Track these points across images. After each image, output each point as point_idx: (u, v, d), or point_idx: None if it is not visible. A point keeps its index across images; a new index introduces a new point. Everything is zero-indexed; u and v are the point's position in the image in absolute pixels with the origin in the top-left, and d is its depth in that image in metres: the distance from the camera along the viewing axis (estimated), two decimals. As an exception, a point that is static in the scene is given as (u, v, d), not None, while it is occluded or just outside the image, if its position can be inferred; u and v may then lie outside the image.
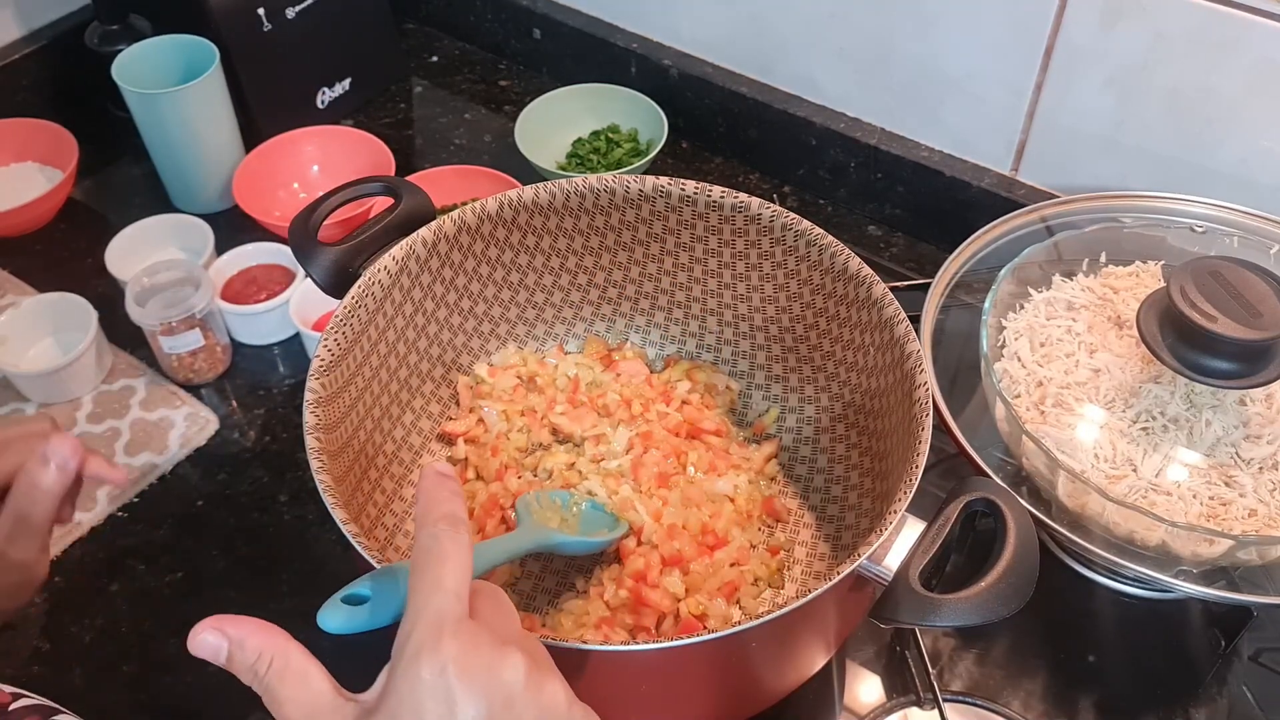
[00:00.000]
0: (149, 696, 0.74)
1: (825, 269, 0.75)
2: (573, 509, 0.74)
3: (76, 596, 0.79)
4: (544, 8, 1.19)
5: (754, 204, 0.76)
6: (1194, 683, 0.75)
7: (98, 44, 1.09)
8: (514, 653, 0.42)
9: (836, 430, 0.79)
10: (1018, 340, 0.80)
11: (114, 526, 0.83)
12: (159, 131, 1.02)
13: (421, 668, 0.41)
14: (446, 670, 0.41)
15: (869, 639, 0.77)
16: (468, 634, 0.42)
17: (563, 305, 0.86)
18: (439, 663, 0.41)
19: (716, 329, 0.85)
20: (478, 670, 0.41)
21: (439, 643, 0.41)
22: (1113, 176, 0.94)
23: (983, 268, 0.86)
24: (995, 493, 0.61)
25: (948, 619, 0.56)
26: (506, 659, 0.42)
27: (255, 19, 1.05)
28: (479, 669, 0.41)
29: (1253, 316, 0.69)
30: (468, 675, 0.41)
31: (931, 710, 0.73)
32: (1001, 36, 0.92)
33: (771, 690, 0.67)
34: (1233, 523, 0.69)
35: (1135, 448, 0.72)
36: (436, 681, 0.41)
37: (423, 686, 0.41)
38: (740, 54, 1.10)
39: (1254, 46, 0.82)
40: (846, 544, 0.75)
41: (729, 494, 0.78)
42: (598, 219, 0.80)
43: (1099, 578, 0.80)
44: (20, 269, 1.01)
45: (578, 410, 0.82)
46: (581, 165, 1.09)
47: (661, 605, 0.70)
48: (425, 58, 1.27)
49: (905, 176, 1.03)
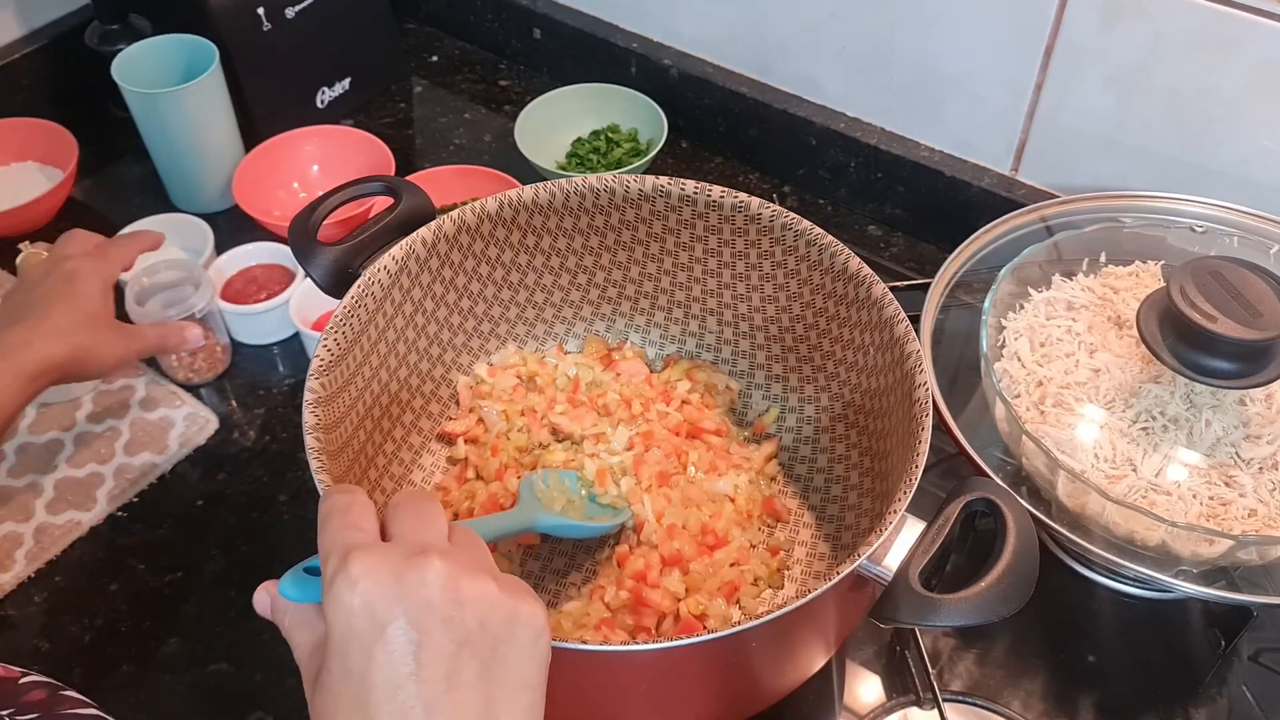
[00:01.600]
0: (149, 696, 0.74)
1: (825, 269, 0.75)
2: (581, 491, 0.74)
3: (76, 596, 0.79)
4: (544, 8, 1.19)
5: (754, 204, 0.76)
6: (1194, 683, 0.75)
7: (98, 44, 1.09)
8: (426, 559, 0.43)
9: (836, 430, 0.79)
10: (1018, 340, 0.80)
11: (114, 526, 0.83)
12: (159, 131, 1.02)
13: (340, 594, 0.42)
14: (357, 586, 0.42)
15: (869, 639, 0.77)
16: (375, 553, 0.43)
17: (563, 305, 0.86)
18: (350, 581, 0.42)
19: (716, 329, 0.85)
20: (388, 580, 0.42)
21: (347, 567, 0.43)
22: (1113, 176, 0.94)
23: (983, 268, 0.86)
24: (995, 493, 0.61)
25: (948, 619, 0.56)
26: (415, 565, 0.43)
27: (255, 19, 1.05)
28: (389, 579, 0.42)
29: (1253, 316, 0.69)
30: (379, 586, 0.42)
31: (931, 710, 0.73)
32: (1001, 36, 0.92)
33: (771, 690, 0.67)
34: (1233, 523, 0.69)
35: (1135, 448, 0.72)
36: (353, 600, 0.42)
37: (345, 609, 0.42)
38: (740, 54, 1.10)
39: (1254, 46, 0.82)
40: (846, 544, 0.75)
41: (729, 494, 0.78)
42: (598, 219, 0.80)
43: (1099, 578, 0.80)
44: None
45: (578, 410, 0.82)
46: (581, 165, 1.09)
47: (661, 605, 0.70)
48: (425, 58, 1.27)
49: (905, 176, 1.03)
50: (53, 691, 0.62)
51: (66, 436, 0.88)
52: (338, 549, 0.44)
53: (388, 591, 0.42)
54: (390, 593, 0.42)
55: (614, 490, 0.76)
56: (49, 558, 0.81)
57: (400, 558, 0.43)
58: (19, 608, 0.78)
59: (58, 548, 0.82)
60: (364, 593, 0.42)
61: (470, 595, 0.43)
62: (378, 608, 0.42)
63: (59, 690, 0.62)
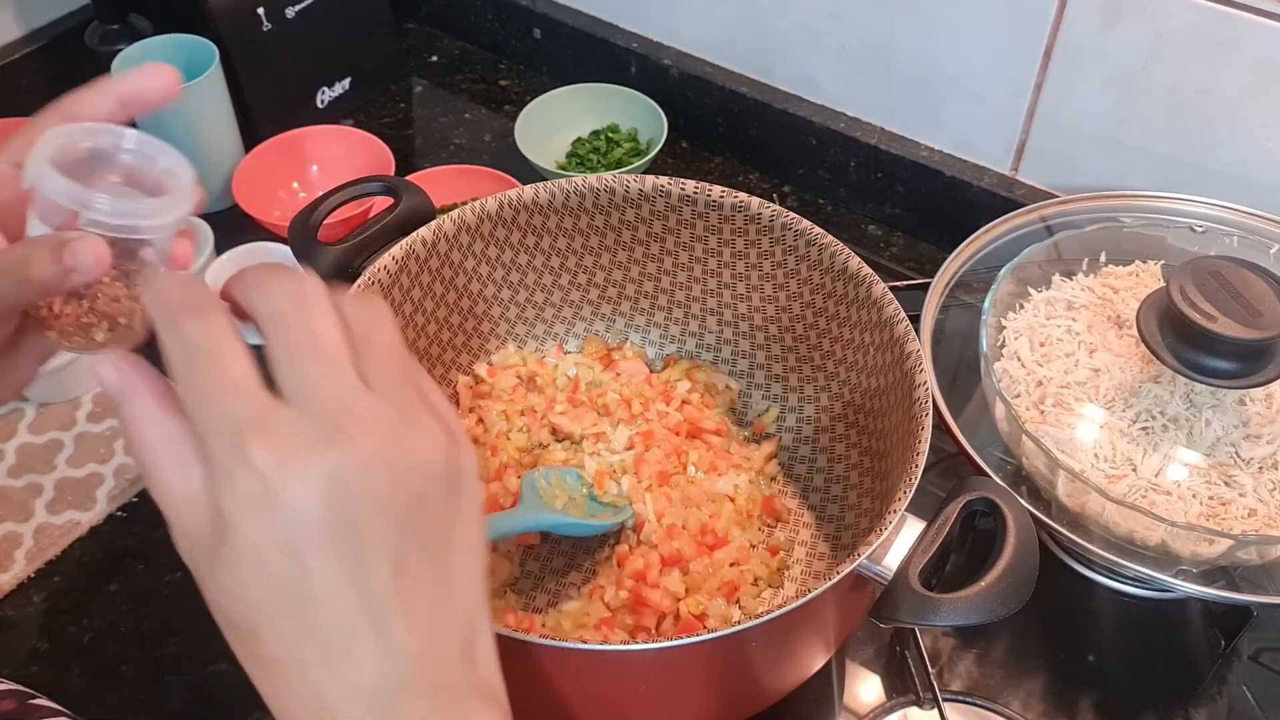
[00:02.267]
0: (149, 696, 0.74)
1: (825, 268, 0.75)
2: (582, 489, 0.74)
3: (76, 596, 0.79)
4: (544, 7, 1.19)
5: (754, 203, 0.76)
6: (1194, 683, 0.75)
7: (98, 44, 1.09)
8: (349, 436, 0.35)
9: (836, 430, 0.79)
10: (1017, 340, 0.80)
11: (113, 526, 0.83)
12: (159, 131, 1.00)
13: (247, 494, 0.34)
14: (270, 485, 0.34)
15: (869, 639, 0.77)
16: (279, 436, 0.34)
17: (562, 305, 0.86)
18: (259, 478, 0.34)
19: (716, 328, 0.85)
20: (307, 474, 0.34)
21: (248, 455, 0.34)
22: (1113, 176, 0.94)
23: (983, 267, 0.86)
24: (995, 492, 0.61)
25: (948, 619, 0.56)
26: (337, 448, 0.35)
27: (255, 19, 1.05)
28: (309, 472, 0.34)
29: (1253, 316, 0.69)
30: (297, 483, 0.34)
31: (931, 710, 0.73)
32: (1001, 36, 0.92)
33: (771, 690, 0.67)
34: (1233, 522, 0.69)
35: (1135, 447, 0.72)
36: (269, 500, 0.34)
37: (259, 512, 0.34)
38: (740, 54, 1.10)
39: (1254, 46, 0.82)
40: (846, 543, 0.75)
41: (729, 494, 0.78)
42: (597, 218, 0.80)
43: (1099, 578, 0.80)
44: (20, 269, 1.01)
45: (578, 410, 0.82)
46: (581, 165, 1.09)
47: (661, 605, 0.70)
48: (425, 57, 1.27)
49: (905, 176, 1.03)
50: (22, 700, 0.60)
51: (66, 436, 0.88)
52: (224, 425, 0.35)
53: (310, 488, 0.34)
54: (314, 489, 0.34)
55: (614, 489, 0.76)
56: (49, 558, 0.81)
57: (315, 439, 0.35)
58: (19, 608, 0.78)
59: (57, 548, 0.81)
60: (281, 493, 0.34)
61: (405, 469, 0.36)
62: (300, 508, 0.34)
63: (29, 699, 0.60)
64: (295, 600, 0.35)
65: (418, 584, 0.36)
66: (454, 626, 0.38)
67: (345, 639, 0.35)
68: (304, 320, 0.36)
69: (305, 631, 0.35)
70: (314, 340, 0.36)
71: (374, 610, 0.35)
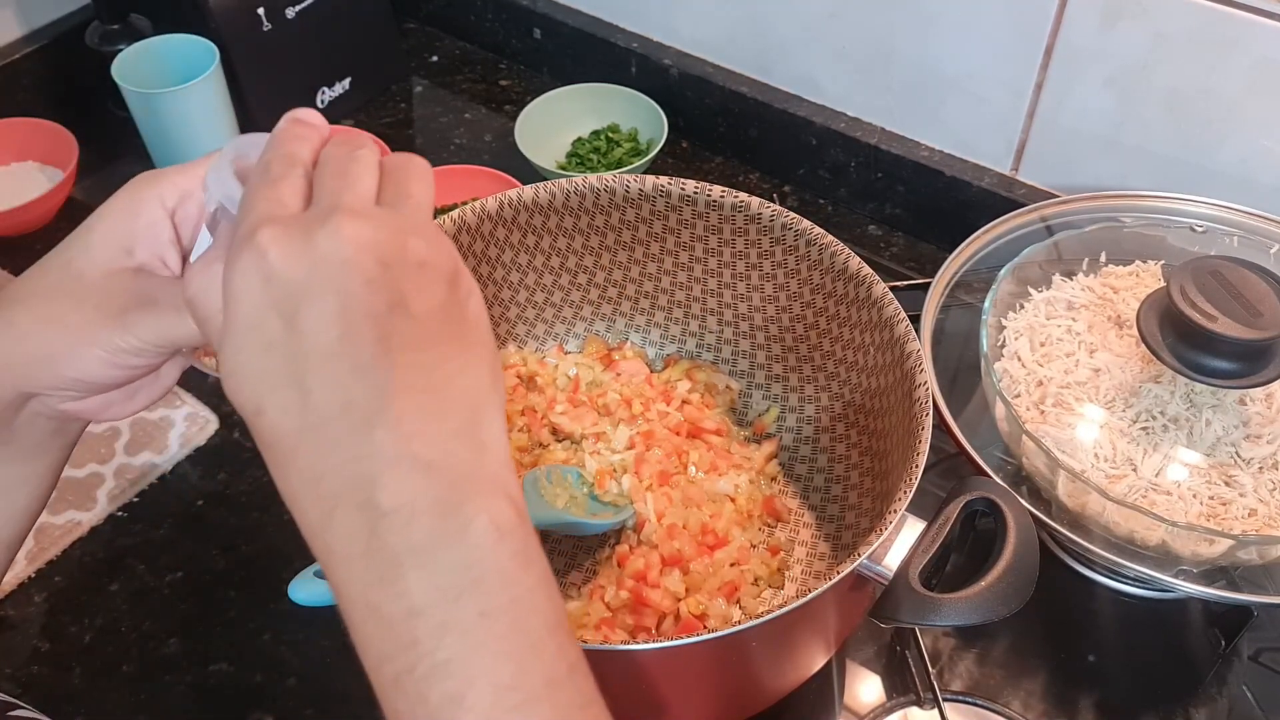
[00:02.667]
0: (149, 696, 0.74)
1: (825, 268, 0.75)
2: (583, 488, 0.74)
3: (76, 596, 0.79)
4: (544, 7, 1.19)
5: (754, 203, 0.76)
6: (1194, 683, 0.75)
7: (98, 44, 1.09)
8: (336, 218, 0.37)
9: (836, 430, 0.79)
10: (1018, 340, 0.80)
11: (114, 526, 0.83)
12: (159, 131, 1.02)
13: (246, 267, 0.37)
14: (267, 256, 0.37)
15: (869, 639, 0.77)
16: (283, 222, 0.38)
17: (563, 305, 0.86)
18: (258, 252, 0.37)
19: (716, 328, 0.85)
20: (298, 246, 0.37)
21: (255, 237, 0.37)
22: (1113, 176, 0.94)
23: (983, 267, 0.86)
24: (995, 492, 0.61)
25: (948, 618, 0.56)
26: (326, 228, 0.37)
27: (255, 19, 1.05)
28: (299, 244, 0.37)
29: (1253, 316, 0.69)
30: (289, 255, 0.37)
31: (931, 710, 0.73)
32: (1001, 36, 0.92)
33: (771, 690, 0.67)
34: (1233, 522, 0.69)
35: (1135, 447, 0.72)
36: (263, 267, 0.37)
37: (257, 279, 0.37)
38: (740, 54, 1.10)
39: (1254, 46, 0.82)
40: (846, 543, 0.75)
41: (730, 493, 0.78)
42: (598, 218, 0.80)
43: (1099, 578, 0.80)
44: (20, 269, 0.99)
45: (578, 410, 0.82)
46: (581, 165, 1.09)
47: (662, 605, 0.70)
48: (425, 57, 1.27)
49: (905, 176, 1.03)
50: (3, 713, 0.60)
51: (66, 436, 0.88)
52: (251, 219, 0.38)
53: (300, 259, 0.37)
54: (303, 259, 0.37)
55: (615, 489, 0.76)
56: (49, 558, 0.81)
57: (311, 220, 0.38)
58: (19, 608, 0.78)
59: (58, 548, 0.81)
60: (274, 261, 0.37)
61: (397, 250, 0.38)
62: (290, 273, 0.37)
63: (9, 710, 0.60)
64: (291, 366, 0.37)
65: (409, 355, 0.37)
66: (452, 404, 0.38)
67: (337, 406, 0.37)
68: (343, 156, 0.41)
69: (300, 401, 0.37)
70: (342, 167, 0.40)
71: (364, 376, 0.37)
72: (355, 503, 0.36)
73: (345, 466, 0.37)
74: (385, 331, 0.37)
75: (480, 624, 0.36)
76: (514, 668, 0.36)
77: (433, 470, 0.37)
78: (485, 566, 0.37)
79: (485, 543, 0.37)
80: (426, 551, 0.36)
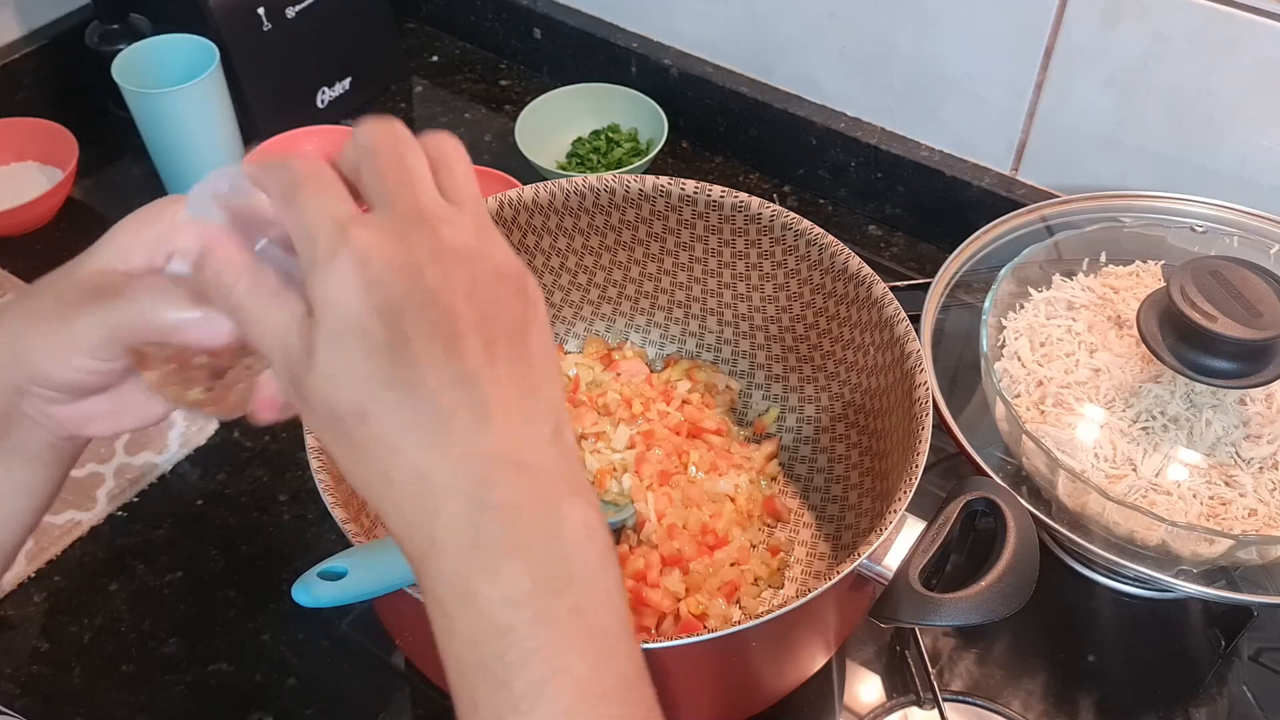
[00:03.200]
0: (149, 696, 0.74)
1: (825, 268, 0.75)
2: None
3: (76, 596, 0.79)
4: (544, 7, 1.19)
5: (754, 203, 0.76)
6: (1194, 683, 0.75)
7: (98, 44, 1.09)
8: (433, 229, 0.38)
9: (837, 430, 0.79)
10: (1018, 340, 0.80)
11: (114, 526, 0.83)
12: (159, 131, 1.02)
13: (345, 275, 0.37)
14: (370, 265, 0.37)
15: (869, 639, 0.77)
16: (374, 226, 0.38)
17: (562, 305, 0.86)
18: (359, 260, 0.37)
19: (716, 328, 0.85)
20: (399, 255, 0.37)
21: (349, 242, 0.37)
22: (1113, 176, 0.94)
23: (983, 267, 0.86)
24: (995, 492, 0.61)
25: (948, 618, 0.56)
26: (424, 236, 0.38)
27: (255, 19, 1.05)
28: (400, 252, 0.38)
29: (1253, 316, 0.69)
30: (391, 264, 0.37)
31: (931, 710, 0.73)
32: (1001, 36, 0.92)
33: (771, 690, 0.67)
34: (1233, 522, 0.69)
35: (1135, 447, 0.72)
36: (366, 278, 0.37)
37: (356, 291, 0.37)
38: (740, 54, 1.10)
39: (1254, 46, 0.82)
40: (846, 543, 0.75)
41: (730, 493, 0.78)
42: (598, 218, 0.80)
43: (1099, 578, 0.80)
44: (20, 269, 1.01)
45: (578, 410, 0.82)
46: (581, 165, 1.09)
47: (662, 605, 0.70)
48: (425, 57, 1.27)
49: (905, 176, 1.03)
50: None
51: (66, 436, 0.88)
52: (326, 222, 0.38)
53: (403, 268, 0.37)
54: (407, 270, 0.37)
55: (615, 488, 0.76)
56: (49, 558, 0.81)
57: (406, 228, 0.38)
58: (19, 608, 0.78)
59: (58, 548, 0.81)
60: (378, 271, 0.37)
61: (485, 263, 0.39)
62: (393, 286, 0.37)
63: None
64: (397, 369, 0.37)
65: (505, 366, 0.39)
66: (541, 411, 0.40)
67: (445, 409, 0.38)
68: (393, 147, 0.40)
69: (408, 403, 0.37)
70: (400, 162, 0.40)
71: (469, 382, 0.38)
72: (465, 496, 0.38)
73: (455, 464, 0.38)
74: (484, 341, 0.38)
75: (570, 618, 0.38)
76: (594, 663, 0.38)
77: (534, 471, 0.39)
78: (576, 563, 0.39)
79: (578, 540, 0.39)
80: (527, 546, 0.38)
